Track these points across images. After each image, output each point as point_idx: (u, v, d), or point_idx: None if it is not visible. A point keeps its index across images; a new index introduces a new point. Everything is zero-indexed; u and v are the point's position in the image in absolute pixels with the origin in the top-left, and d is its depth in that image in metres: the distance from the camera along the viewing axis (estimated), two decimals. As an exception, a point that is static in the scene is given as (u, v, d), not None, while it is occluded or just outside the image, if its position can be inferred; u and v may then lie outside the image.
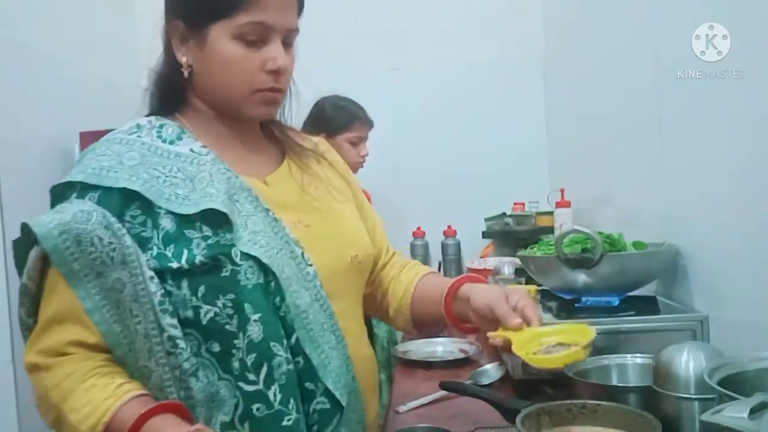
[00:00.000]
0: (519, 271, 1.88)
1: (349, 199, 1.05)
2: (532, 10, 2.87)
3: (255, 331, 0.82)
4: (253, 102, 0.90)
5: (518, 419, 0.85)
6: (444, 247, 2.82)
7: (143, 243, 0.81)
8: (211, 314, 0.81)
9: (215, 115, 0.94)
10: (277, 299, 0.84)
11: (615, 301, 1.33)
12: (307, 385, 0.86)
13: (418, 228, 2.88)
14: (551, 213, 2.38)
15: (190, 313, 0.81)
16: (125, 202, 0.82)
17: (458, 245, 2.81)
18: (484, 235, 2.79)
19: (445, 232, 2.83)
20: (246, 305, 0.81)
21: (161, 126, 0.91)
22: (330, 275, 0.90)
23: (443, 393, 1.27)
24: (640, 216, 1.62)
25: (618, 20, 1.75)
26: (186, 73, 0.90)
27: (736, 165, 1.11)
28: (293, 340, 0.85)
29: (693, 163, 1.28)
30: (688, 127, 1.30)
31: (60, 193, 0.86)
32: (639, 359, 1.07)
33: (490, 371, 1.42)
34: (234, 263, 0.81)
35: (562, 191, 2.29)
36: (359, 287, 1.00)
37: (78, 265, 0.78)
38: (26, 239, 0.82)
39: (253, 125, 0.99)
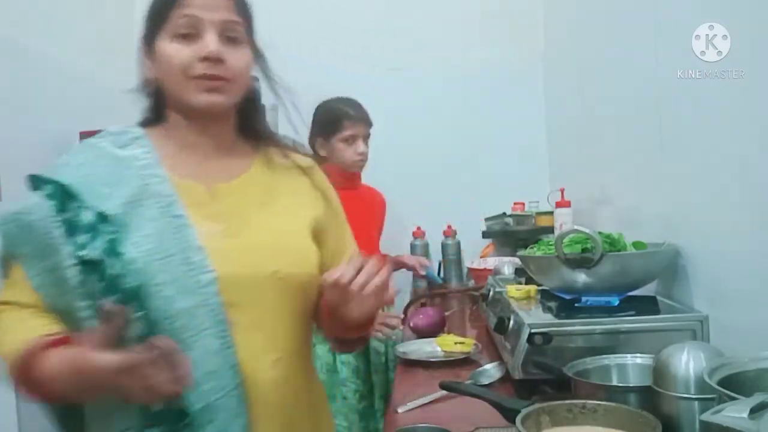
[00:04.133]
0: (519, 271, 1.88)
1: (307, 218, 1.05)
2: (532, 10, 2.87)
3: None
4: (192, 90, 0.96)
5: (518, 419, 0.85)
6: (444, 247, 2.82)
7: (71, 232, 0.89)
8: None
9: (186, 124, 1.01)
10: (147, 301, 0.88)
11: (615, 301, 1.33)
12: None
13: (418, 228, 2.88)
14: (551, 213, 2.38)
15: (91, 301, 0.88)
16: (66, 195, 0.91)
17: (458, 245, 2.82)
18: (484, 235, 2.79)
19: (445, 232, 2.83)
20: (131, 302, 0.86)
21: (121, 133, 1.01)
22: (236, 285, 0.92)
23: (443, 393, 1.27)
24: (640, 216, 1.62)
25: (618, 20, 1.75)
26: (152, 87, 1.01)
27: (736, 165, 1.11)
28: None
29: (693, 163, 1.28)
30: (688, 127, 1.30)
31: (31, 184, 0.96)
32: (639, 359, 1.07)
33: (490, 371, 1.42)
34: (121, 263, 0.87)
35: (562, 191, 2.30)
36: (282, 304, 0.97)
37: (27, 248, 0.90)
38: None
39: (223, 132, 1.05)
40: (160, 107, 1.03)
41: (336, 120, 2.10)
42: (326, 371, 2.02)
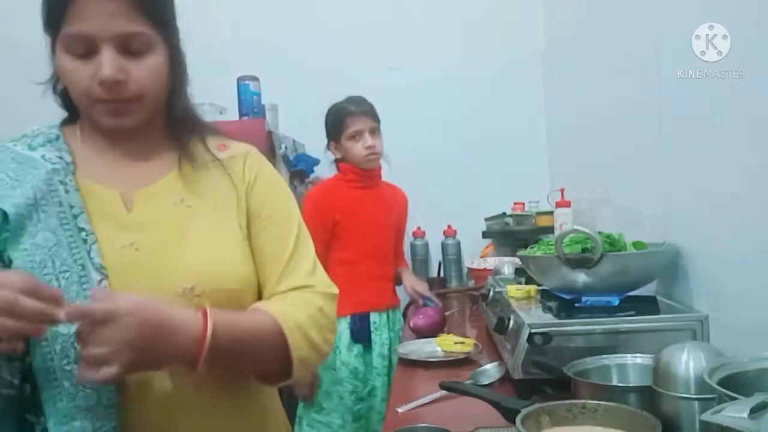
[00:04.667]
0: (519, 271, 1.88)
1: (235, 222, 0.93)
2: (532, 10, 2.87)
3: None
4: (99, 113, 0.87)
5: (518, 419, 0.85)
6: (444, 247, 2.82)
7: None
8: None
9: (98, 129, 0.92)
10: None
11: (615, 301, 1.33)
12: (27, 416, 0.80)
13: (418, 228, 2.88)
14: (551, 213, 2.38)
15: None
16: None
17: (458, 245, 2.82)
18: (484, 235, 2.79)
19: (445, 232, 2.84)
20: None
21: (37, 135, 0.92)
22: None
23: (443, 393, 1.27)
24: (640, 216, 1.62)
25: (618, 20, 1.75)
26: (60, 84, 0.91)
27: (736, 165, 1.11)
28: (27, 363, 0.79)
29: (693, 163, 1.28)
30: (688, 127, 1.30)
31: None
32: (639, 359, 1.07)
33: (490, 371, 1.42)
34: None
35: (562, 191, 2.30)
36: None
37: None
38: None
39: (137, 135, 0.93)
40: (73, 104, 0.92)
41: (340, 120, 2.11)
42: (324, 368, 2.02)
